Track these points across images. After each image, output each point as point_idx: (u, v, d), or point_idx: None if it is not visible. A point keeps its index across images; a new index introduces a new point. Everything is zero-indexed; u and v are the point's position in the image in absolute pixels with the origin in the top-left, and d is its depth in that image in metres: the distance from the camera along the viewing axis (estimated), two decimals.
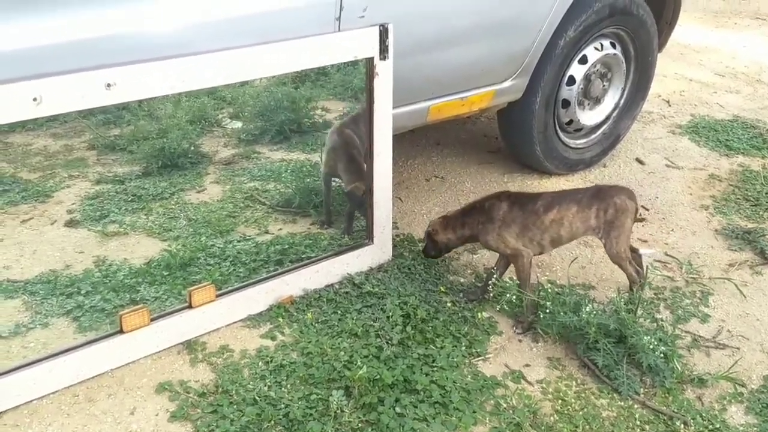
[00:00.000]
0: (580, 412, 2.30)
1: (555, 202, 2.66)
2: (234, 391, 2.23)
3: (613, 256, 2.69)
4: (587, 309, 2.50)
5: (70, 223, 2.97)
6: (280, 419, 2.14)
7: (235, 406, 2.17)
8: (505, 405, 2.30)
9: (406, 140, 3.96)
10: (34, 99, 1.92)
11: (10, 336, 2.38)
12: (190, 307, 2.43)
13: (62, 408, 2.16)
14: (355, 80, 3.71)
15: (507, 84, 3.21)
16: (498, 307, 2.72)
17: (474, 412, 2.25)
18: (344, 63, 2.75)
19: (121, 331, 2.29)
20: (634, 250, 2.80)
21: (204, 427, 2.10)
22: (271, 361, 2.37)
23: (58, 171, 3.32)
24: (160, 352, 2.39)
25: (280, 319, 2.57)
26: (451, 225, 2.74)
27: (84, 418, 2.13)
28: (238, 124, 3.79)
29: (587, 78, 3.58)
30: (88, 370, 2.26)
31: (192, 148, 3.51)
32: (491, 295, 2.76)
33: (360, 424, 2.15)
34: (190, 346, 2.43)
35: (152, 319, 2.35)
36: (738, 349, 2.65)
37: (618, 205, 2.64)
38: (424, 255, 2.88)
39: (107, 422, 2.13)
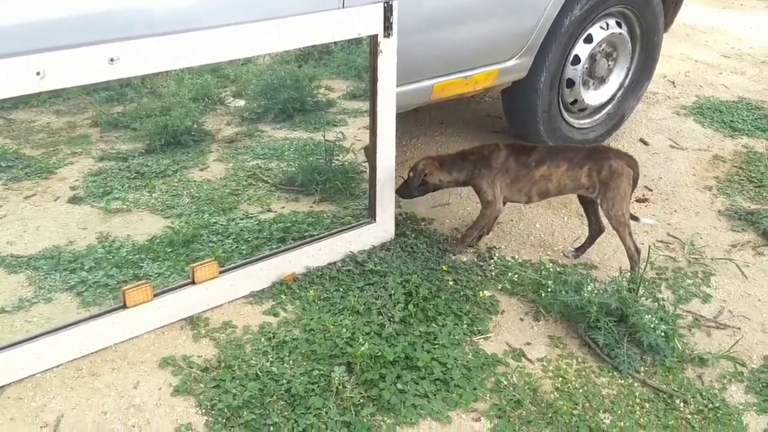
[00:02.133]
0: (581, 390, 2.31)
1: (547, 158, 2.74)
2: (236, 367, 2.25)
3: (611, 218, 2.72)
4: (589, 288, 2.50)
5: (73, 200, 2.97)
6: (282, 394, 2.16)
7: (237, 381, 2.19)
8: (505, 382, 2.31)
9: (410, 119, 3.95)
10: (38, 73, 1.92)
11: (13, 310, 2.39)
12: (193, 283, 2.43)
13: (66, 381, 2.18)
14: (358, 59, 3.70)
15: (511, 63, 3.19)
16: (500, 286, 2.72)
17: (475, 389, 2.27)
18: (347, 41, 2.73)
19: (124, 306, 2.31)
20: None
21: (207, 401, 2.12)
22: (274, 337, 2.39)
23: (61, 147, 3.32)
24: (163, 327, 2.40)
25: (283, 296, 2.58)
26: (447, 167, 2.82)
27: (87, 392, 2.15)
28: (241, 103, 3.79)
29: (592, 57, 3.56)
30: (92, 344, 2.28)
31: (195, 125, 3.52)
32: (494, 273, 2.77)
33: (361, 400, 2.17)
34: (193, 321, 2.44)
35: (155, 295, 2.36)
36: (739, 329, 2.65)
37: (613, 168, 2.67)
38: (400, 195, 2.89)
39: (111, 396, 2.14)
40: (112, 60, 2.02)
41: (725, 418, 2.26)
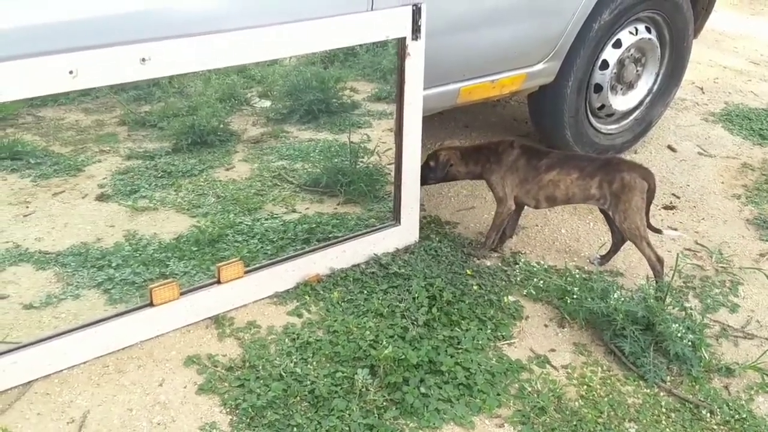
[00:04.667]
0: (605, 399, 2.29)
1: (558, 164, 2.73)
2: (261, 367, 2.25)
3: (624, 231, 2.71)
4: (615, 296, 2.48)
5: (101, 197, 3.00)
6: (306, 395, 2.16)
7: (261, 381, 2.20)
8: (529, 389, 2.29)
9: (435, 123, 3.94)
10: (71, 72, 1.94)
11: (41, 306, 2.42)
12: (218, 282, 2.45)
13: (92, 378, 2.20)
14: (384, 61, 3.70)
15: (539, 67, 3.17)
16: (525, 291, 2.71)
17: (498, 394, 2.26)
18: (373, 44, 2.73)
19: (151, 304, 2.32)
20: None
21: (231, 400, 2.13)
22: (298, 338, 2.39)
23: (90, 146, 3.35)
24: (188, 326, 2.41)
25: (307, 297, 2.58)
26: (465, 159, 2.86)
27: (113, 389, 2.17)
28: (267, 103, 3.81)
29: (621, 62, 3.53)
30: (118, 341, 2.30)
31: (221, 125, 3.54)
32: (519, 278, 2.76)
33: (385, 403, 2.16)
34: (218, 320, 2.45)
35: (182, 293, 2.37)
36: (767, 339, 2.61)
37: (625, 181, 2.65)
38: (422, 182, 2.90)
39: (136, 393, 2.16)
40: (143, 60, 2.04)
41: (752, 429, 2.23)
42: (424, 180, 2.88)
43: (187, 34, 2.14)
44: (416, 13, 2.53)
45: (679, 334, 2.39)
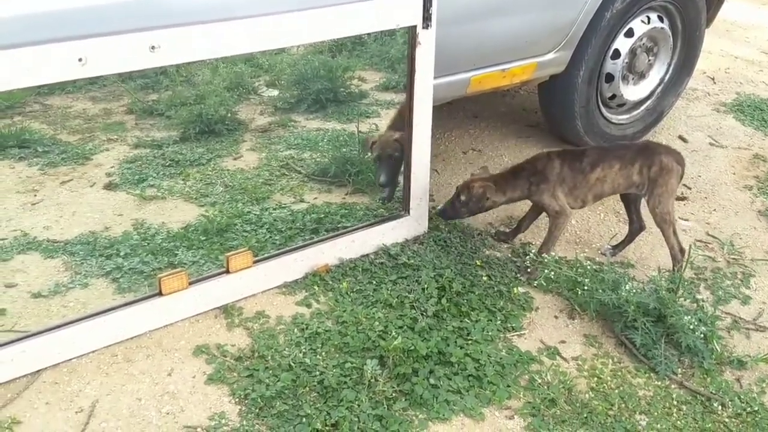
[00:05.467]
0: (616, 390, 2.28)
1: (599, 160, 2.68)
2: (270, 357, 2.24)
3: (656, 215, 2.68)
4: (626, 287, 2.46)
5: (109, 186, 2.99)
6: (315, 386, 2.15)
7: (270, 371, 2.19)
8: (539, 380, 2.28)
9: (444, 112, 3.92)
10: (80, 59, 1.92)
11: (50, 295, 2.41)
12: (227, 272, 2.43)
13: (101, 367, 2.19)
14: (392, 50, 3.68)
15: (550, 56, 3.14)
16: (535, 282, 2.69)
17: (508, 386, 2.24)
18: (382, 32, 2.70)
19: (159, 294, 2.31)
20: None
21: (240, 390, 2.12)
22: (307, 329, 2.38)
23: (97, 134, 3.35)
24: (197, 315, 2.41)
25: (316, 287, 2.57)
26: (503, 188, 2.70)
27: (122, 378, 2.16)
28: (275, 92, 3.79)
29: (633, 52, 3.50)
30: (127, 330, 2.29)
31: (229, 114, 3.52)
32: (528, 269, 2.74)
33: (394, 394, 2.15)
34: (226, 310, 2.44)
35: (190, 283, 2.36)
36: None
37: (663, 164, 2.64)
38: (446, 217, 2.80)
39: (145, 382, 2.15)
40: (153, 48, 2.02)
41: (764, 422, 2.22)
42: (456, 213, 2.75)
43: (197, 22, 2.12)
44: (427, 1, 2.50)
45: (690, 326, 2.37)
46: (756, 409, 2.25)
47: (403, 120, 2.93)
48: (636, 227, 2.84)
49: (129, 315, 2.28)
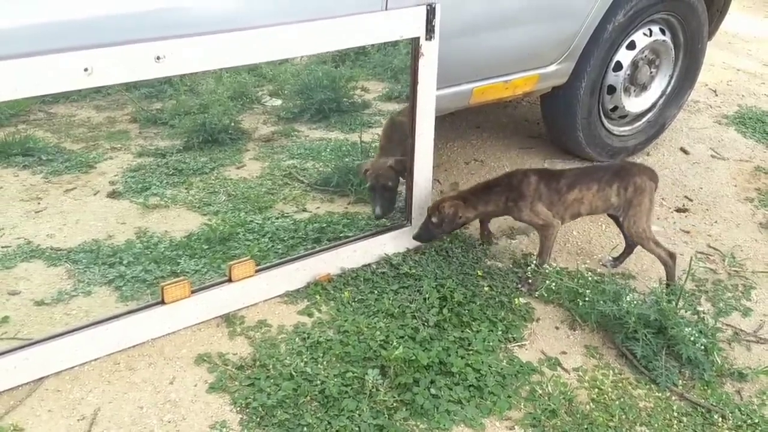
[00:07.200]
0: (617, 402, 2.28)
1: (576, 181, 2.69)
2: (271, 366, 2.25)
3: (633, 235, 2.72)
4: (627, 298, 2.46)
5: (113, 194, 3.01)
6: (316, 395, 2.15)
7: (271, 380, 2.19)
8: (540, 391, 2.28)
9: (446, 123, 3.93)
10: (85, 69, 1.94)
11: (53, 303, 2.42)
12: (229, 281, 2.44)
13: (103, 375, 2.20)
14: (395, 60, 3.69)
15: (552, 68, 3.16)
16: (536, 293, 2.70)
17: (509, 397, 2.25)
18: (385, 43, 2.72)
19: (162, 302, 2.32)
20: None
21: (241, 399, 2.13)
22: (308, 338, 2.39)
23: (101, 143, 3.36)
24: (199, 324, 2.41)
25: (318, 297, 2.58)
26: (473, 203, 2.71)
27: (124, 386, 2.17)
28: (278, 102, 3.80)
29: (635, 64, 3.52)
30: (129, 339, 2.29)
31: (232, 124, 3.54)
32: (530, 280, 2.74)
33: (395, 404, 2.16)
34: (228, 319, 2.45)
35: (193, 292, 2.37)
36: None
37: (637, 185, 2.66)
38: (422, 240, 2.76)
39: (147, 390, 2.16)
40: (158, 58, 2.04)
41: None
42: (431, 235, 2.73)
43: (202, 33, 2.14)
44: (430, 13, 2.52)
45: (691, 338, 2.37)
46: (756, 421, 2.25)
47: (391, 143, 2.94)
48: (631, 240, 2.85)
49: (131, 323, 2.28)
